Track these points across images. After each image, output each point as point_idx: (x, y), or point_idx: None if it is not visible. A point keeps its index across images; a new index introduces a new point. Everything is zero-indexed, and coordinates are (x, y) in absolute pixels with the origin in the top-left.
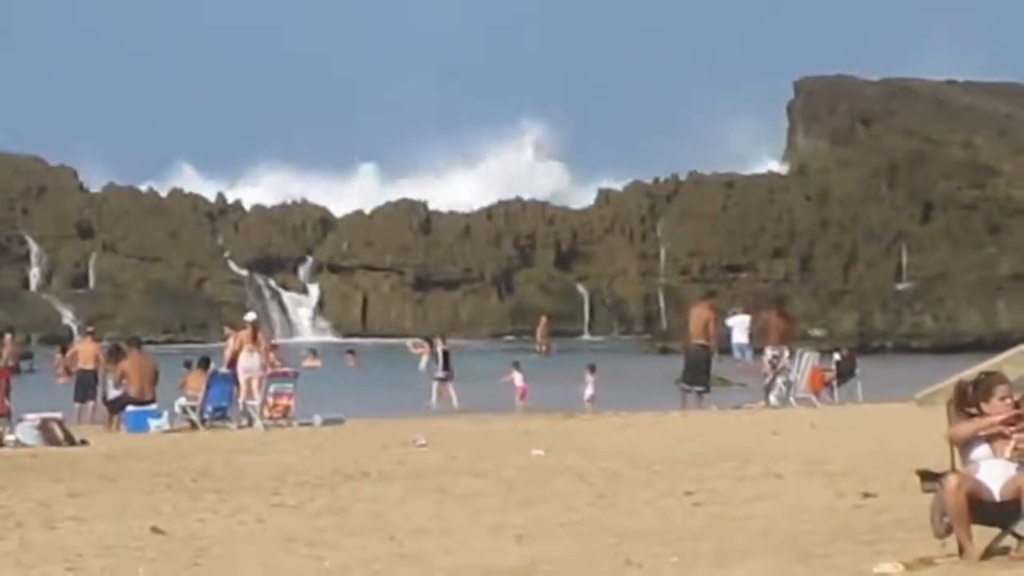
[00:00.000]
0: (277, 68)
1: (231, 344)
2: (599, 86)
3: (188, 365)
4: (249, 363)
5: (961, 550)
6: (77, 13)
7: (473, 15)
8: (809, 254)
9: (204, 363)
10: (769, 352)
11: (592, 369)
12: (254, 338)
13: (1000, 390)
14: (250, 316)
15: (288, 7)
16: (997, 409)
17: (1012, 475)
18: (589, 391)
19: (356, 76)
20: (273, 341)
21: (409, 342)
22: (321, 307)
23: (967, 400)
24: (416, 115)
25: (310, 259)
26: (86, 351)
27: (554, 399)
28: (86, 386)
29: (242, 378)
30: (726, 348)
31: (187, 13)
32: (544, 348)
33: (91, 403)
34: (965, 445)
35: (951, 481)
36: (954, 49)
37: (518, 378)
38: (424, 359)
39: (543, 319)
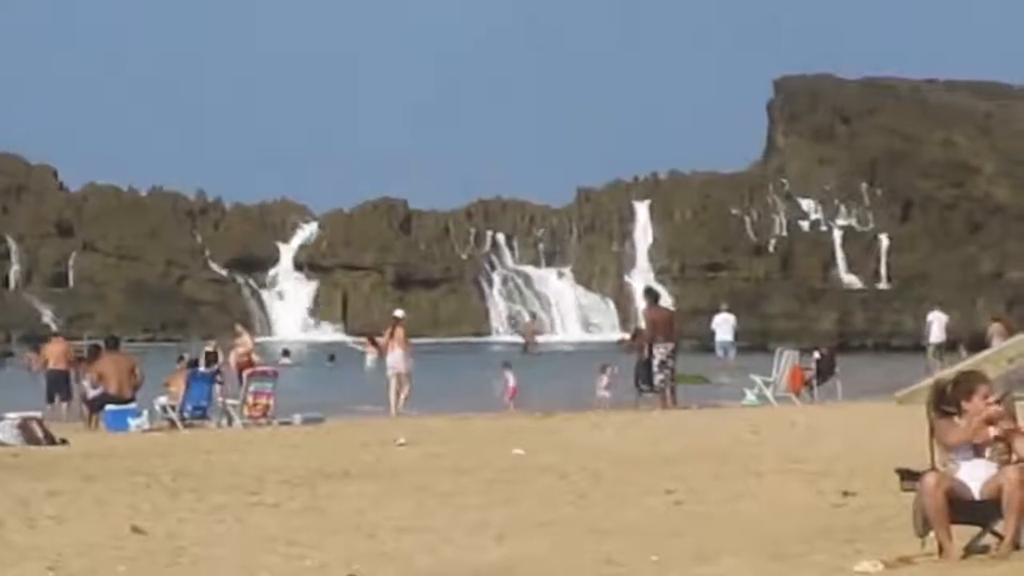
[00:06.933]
0: (261, 72)
1: (247, 342)
2: (579, 84)
3: (181, 359)
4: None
5: (941, 549)
6: (63, 13)
7: (465, 12)
8: (789, 252)
9: (194, 363)
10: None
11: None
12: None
13: (982, 389)
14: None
15: (276, 5)
16: (978, 408)
17: (992, 474)
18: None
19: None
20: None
21: (351, 340)
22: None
23: (945, 399)
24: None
25: (289, 258)
26: (56, 351)
27: (535, 399)
28: (56, 386)
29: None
30: (709, 346)
31: (173, 16)
32: (528, 349)
33: (64, 403)
34: (954, 449)
35: (929, 480)
36: (934, 48)
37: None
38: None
39: (528, 319)
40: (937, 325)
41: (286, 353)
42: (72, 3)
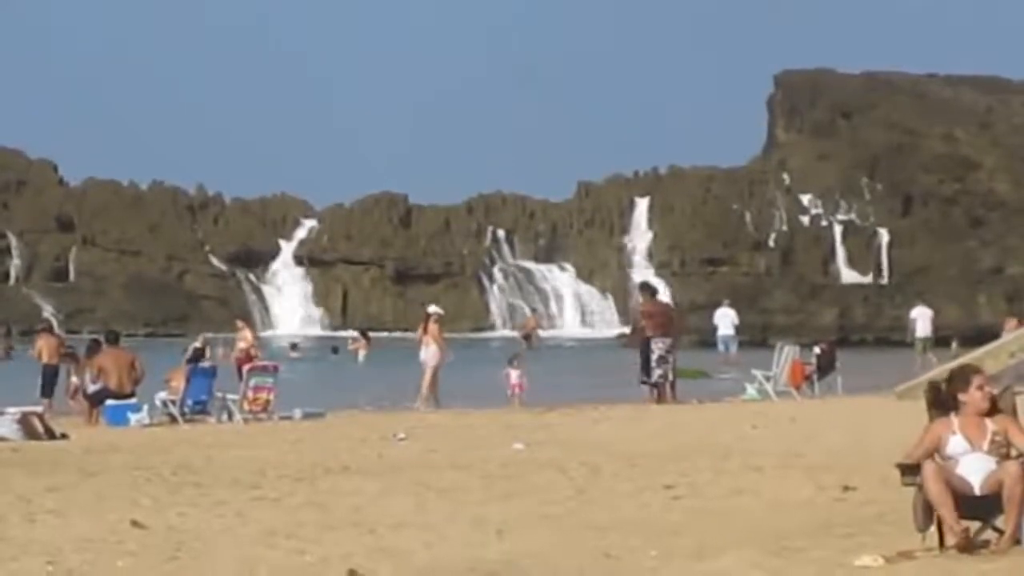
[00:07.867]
0: (262, 68)
1: (248, 337)
2: (579, 79)
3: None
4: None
5: (942, 542)
6: (59, 11)
7: (466, 11)
8: (789, 247)
9: (193, 358)
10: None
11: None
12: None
13: (976, 379)
14: None
15: (274, 6)
16: (975, 398)
17: (992, 469)
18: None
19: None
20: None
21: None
22: (305, 300)
23: (941, 396)
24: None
25: (289, 252)
26: (49, 345)
27: (536, 393)
28: (50, 380)
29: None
30: (710, 341)
31: (174, 12)
32: (530, 342)
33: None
34: (936, 450)
35: (928, 469)
36: (934, 42)
37: (514, 374)
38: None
39: (529, 315)
40: (922, 321)
41: (294, 347)
42: (72, 2)
